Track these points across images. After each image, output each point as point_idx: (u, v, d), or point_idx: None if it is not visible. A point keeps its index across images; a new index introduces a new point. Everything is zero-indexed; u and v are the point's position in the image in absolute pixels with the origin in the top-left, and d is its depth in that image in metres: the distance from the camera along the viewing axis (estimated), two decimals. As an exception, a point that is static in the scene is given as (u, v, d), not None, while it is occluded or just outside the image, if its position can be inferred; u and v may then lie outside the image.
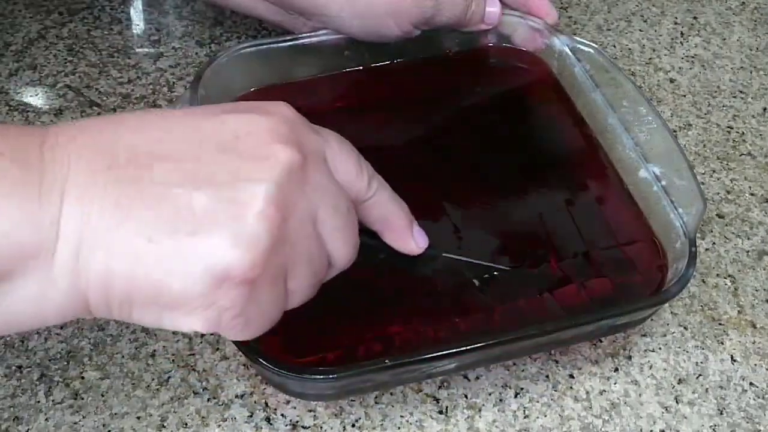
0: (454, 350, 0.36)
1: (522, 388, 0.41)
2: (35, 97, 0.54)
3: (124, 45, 0.58)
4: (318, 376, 0.35)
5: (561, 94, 0.51)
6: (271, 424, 0.39)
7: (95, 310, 0.28)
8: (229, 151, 0.28)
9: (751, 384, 0.42)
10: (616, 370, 0.42)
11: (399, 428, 0.39)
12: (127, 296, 0.27)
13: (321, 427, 0.39)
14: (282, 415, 0.39)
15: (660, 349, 0.43)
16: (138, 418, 0.39)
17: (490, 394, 0.40)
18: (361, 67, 0.52)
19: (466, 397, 0.40)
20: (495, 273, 0.41)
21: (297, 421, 0.39)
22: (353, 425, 0.39)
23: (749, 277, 0.46)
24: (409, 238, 0.37)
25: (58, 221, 0.26)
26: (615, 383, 0.41)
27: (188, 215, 0.27)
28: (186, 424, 0.38)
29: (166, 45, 0.58)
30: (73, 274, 0.26)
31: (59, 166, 0.26)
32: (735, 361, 0.43)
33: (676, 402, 0.41)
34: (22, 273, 0.26)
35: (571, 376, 0.41)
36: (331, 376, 0.35)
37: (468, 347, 0.36)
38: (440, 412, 0.39)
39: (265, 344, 0.37)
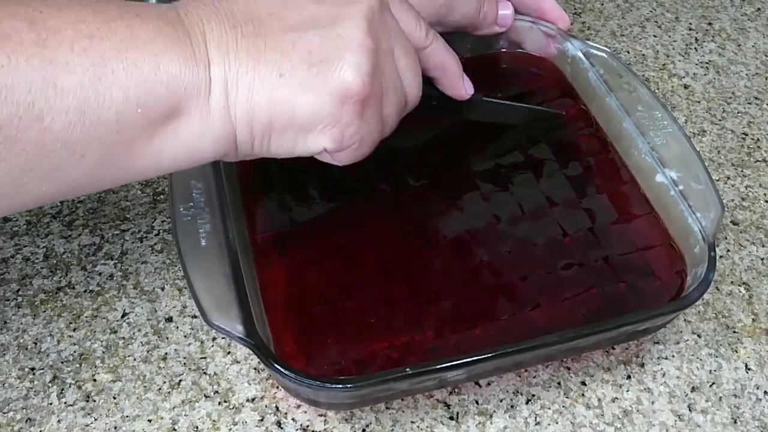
0: (476, 358, 0.35)
1: (533, 395, 0.40)
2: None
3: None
4: (336, 386, 0.34)
5: (574, 99, 0.51)
6: (281, 428, 0.39)
7: (241, 142, 0.34)
8: (321, 2, 0.34)
9: (765, 393, 0.41)
10: (629, 377, 0.41)
11: (410, 434, 0.39)
12: (268, 124, 0.33)
13: (331, 432, 0.39)
14: (293, 419, 0.39)
15: (673, 356, 0.42)
16: (149, 420, 0.39)
17: (501, 401, 0.40)
18: None
19: (477, 403, 0.40)
20: (513, 280, 0.41)
21: (308, 426, 0.39)
22: (364, 430, 0.39)
23: (764, 285, 0.46)
24: (460, 83, 0.43)
25: (208, 66, 0.32)
26: (627, 391, 0.41)
27: (306, 52, 0.33)
28: (197, 428, 0.39)
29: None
30: (225, 111, 0.33)
31: (197, 26, 0.32)
32: (749, 369, 0.42)
33: (690, 410, 0.40)
34: (188, 111, 0.32)
35: (583, 383, 0.41)
36: (349, 386, 0.34)
37: (489, 355, 0.35)
38: (451, 418, 0.39)
39: (281, 350, 0.37)
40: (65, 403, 0.39)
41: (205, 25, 0.32)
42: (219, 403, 0.39)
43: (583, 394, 0.41)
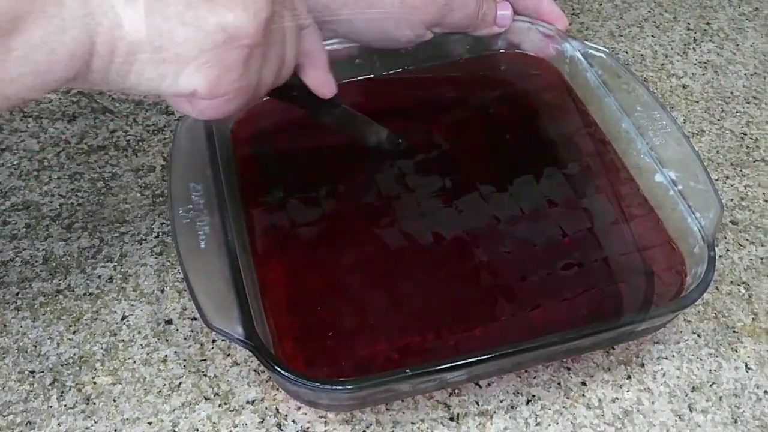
0: (476, 359, 0.35)
1: (534, 396, 0.40)
2: (49, 104, 0.55)
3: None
4: (337, 387, 0.34)
5: (573, 100, 0.51)
6: (282, 430, 0.39)
7: (98, 61, 0.29)
8: None
9: (765, 392, 0.41)
10: (629, 377, 0.41)
11: (410, 435, 0.39)
12: (134, 46, 0.29)
13: (332, 434, 0.39)
14: (293, 421, 0.39)
15: (673, 356, 0.42)
16: (149, 423, 0.39)
17: (501, 401, 0.40)
18: (372, 76, 0.52)
19: (477, 404, 0.40)
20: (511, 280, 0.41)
21: (308, 428, 0.39)
22: (364, 432, 0.39)
23: (763, 284, 0.46)
24: (325, 78, 0.41)
25: None
26: (628, 391, 0.41)
27: None
28: (197, 430, 0.38)
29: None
30: (84, 18, 0.28)
31: None
32: (749, 369, 0.42)
33: (690, 410, 0.40)
34: (39, 14, 0.27)
35: (584, 384, 0.41)
36: (349, 387, 0.34)
37: (490, 356, 0.35)
38: (451, 419, 0.39)
39: (281, 352, 0.37)
40: (65, 406, 0.39)
41: None
42: (219, 406, 0.39)
43: (583, 395, 0.41)
